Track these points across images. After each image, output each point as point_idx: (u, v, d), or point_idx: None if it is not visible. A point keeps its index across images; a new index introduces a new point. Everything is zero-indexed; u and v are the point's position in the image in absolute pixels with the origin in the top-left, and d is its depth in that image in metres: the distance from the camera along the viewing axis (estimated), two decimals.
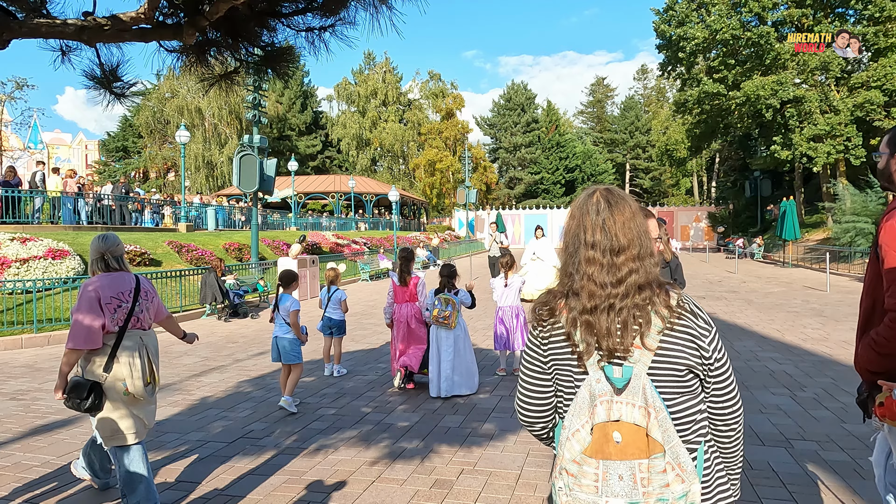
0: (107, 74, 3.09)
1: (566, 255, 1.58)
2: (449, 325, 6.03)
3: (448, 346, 6.03)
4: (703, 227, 43.48)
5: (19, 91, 30.82)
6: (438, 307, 6.05)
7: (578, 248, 1.53)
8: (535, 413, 1.65)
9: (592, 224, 1.52)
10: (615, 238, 1.50)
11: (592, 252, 1.51)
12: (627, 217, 1.53)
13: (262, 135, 16.33)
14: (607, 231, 1.51)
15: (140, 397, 3.27)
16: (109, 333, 3.28)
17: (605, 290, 1.48)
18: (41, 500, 3.74)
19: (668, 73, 34.19)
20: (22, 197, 15.77)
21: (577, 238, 1.55)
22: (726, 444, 1.61)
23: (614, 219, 1.52)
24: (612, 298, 1.47)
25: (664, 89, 67.06)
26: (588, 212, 1.54)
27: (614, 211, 1.53)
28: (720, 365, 1.53)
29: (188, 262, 14.76)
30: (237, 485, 3.95)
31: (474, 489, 3.81)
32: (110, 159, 54.96)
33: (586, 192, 1.61)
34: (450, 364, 5.99)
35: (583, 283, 1.50)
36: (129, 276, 3.44)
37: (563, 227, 1.64)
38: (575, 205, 1.61)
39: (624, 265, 1.49)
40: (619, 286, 1.48)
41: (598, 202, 1.55)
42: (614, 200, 1.55)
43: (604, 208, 1.53)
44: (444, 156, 54.01)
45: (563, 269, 1.59)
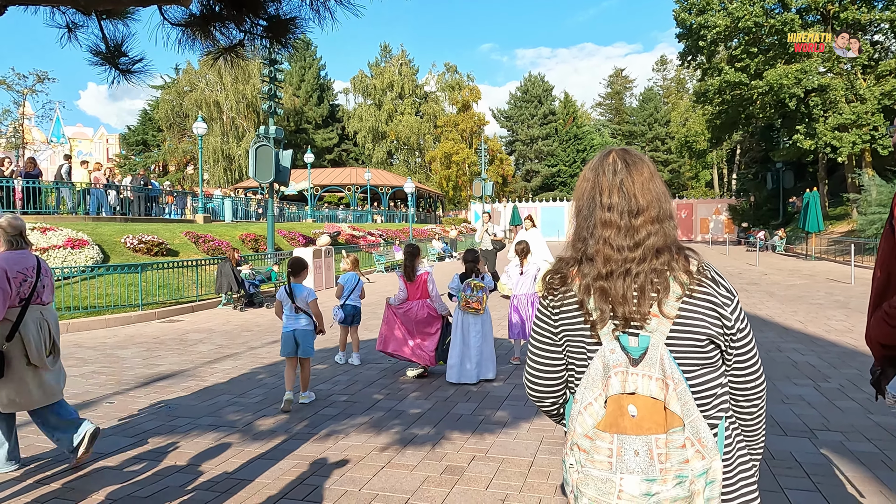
0: (111, 50, 3.04)
1: (579, 219, 1.48)
2: (479, 311, 6.00)
3: (476, 332, 6.00)
4: (723, 219, 42.85)
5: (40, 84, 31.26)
6: (468, 293, 6.00)
7: (594, 210, 1.44)
8: (545, 387, 1.57)
9: (609, 185, 1.43)
10: (634, 199, 1.41)
11: (609, 214, 1.41)
12: (646, 177, 1.43)
13: (278, 126, 16.35)
14: (625, 192, 1.42)
15: (42, 366, 3.61)
16: (13, 308, 3.53)
17: (621, 254, 1.38)
18: (52, 481, 3.74)
19: (688, 63, 33.62)
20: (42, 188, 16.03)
21: (592, 200, 1.45)
22: (748, 420, 1.51)
23: (632, 179, 1.42)
24: (628, 263, 1.38)
25: (684, 80, 66.02)
26: (604, 172, 1.45)
27: (632, 171, 1.43)
28: (743, 336, 1.44)
29: (205, 252, 14.87)
30: (246, 468, 3.92)
31: (486, 475, 3.74)
32: (131, 153, 55.68)
33: (601, 153, 1.51)
34: (478, 350, 5.97)
35: (598, 248, 1.41)
36: (32, 255, 3.73)
37: (575, 190, 1.53)
38: (589, 166, 1.51)
39: (642, 227, 1.40)
40: (637, 250, 1.38)
41: (614, 162, 1.45)
42: (632, 160, 1.45)
43: (621, 168, 1.44)
44: (461, 148, 53.82)
45: (577, 233, 1.49)
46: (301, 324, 5.32)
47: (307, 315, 5.33)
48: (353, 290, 6.98)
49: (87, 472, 3.87)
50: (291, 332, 5.30)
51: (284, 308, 5.36)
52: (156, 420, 4.98)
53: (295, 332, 5.29)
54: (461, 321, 6.06)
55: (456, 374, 5.95)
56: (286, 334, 5.33)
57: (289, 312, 5.33)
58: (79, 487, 3.65)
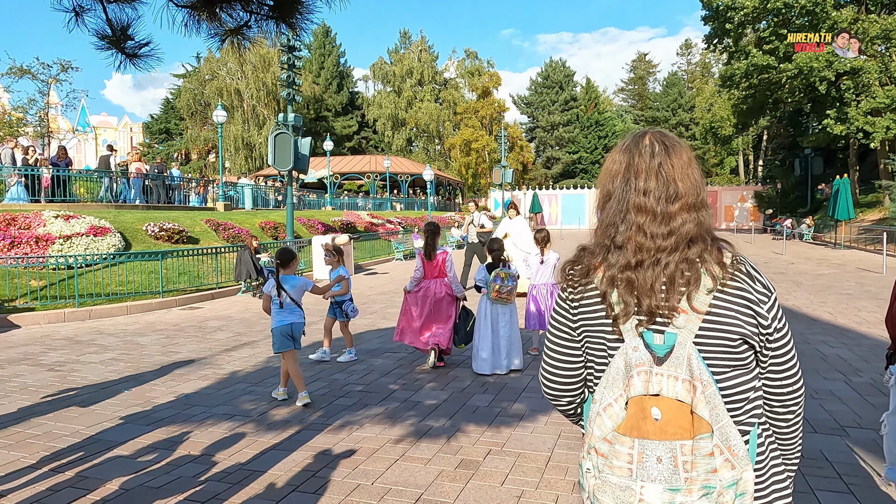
0: (117, 34, 2.96)
1: (610, 203, 1.34)
2: (509, 301, 5.97)
3: (505, 322, 5.97)
4: (748, 207, 41.92)
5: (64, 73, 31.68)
6: (499, 283, 5.92)
7: (627, 194, 1.31)
8: (562, 386, 1.46)
9: (647, 168, 1.30)
10: (672, 183, 1.29)
11: (644, 199, 1.29)
12: (685, 162, 1.31)
13: (297, 114, 16.31)
14: (664, 176, 1.29)
15: None
16: None
17: (654, 243, 1.26)
18: (66, 469, 3.75)
19: (714, 47, 32.76)
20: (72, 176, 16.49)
21: (626, 184, 1.32)
22: (784, 428, 1.38)
23: (672, 163, 1.30)
24: (660, 252, 1.26)
25: (709, 64, 64.51)
26: (641, 154, 1.32)
27: (671, 154, 1.31)
28: (780, 336, 1.30)
29: (225, 239, 14.95)
30: (259, 459, 3.88)
31: (501, 470, 3.64)
32: (154, 141, 56.39)
33: (635, 135, 1.38)
34: (507, 340, 5.93)
35: (629, 235, 1.29)
36: None
37: (603, 174, 1.40)
38: (621, 148, 1.37)
39: (678, 215, 1.27)
40: (669, 238, 1.26)
41: (651, 144, 1.33)
42: (671, 143, 1.33)
43: (659, 150, 1.31)
44: (480, 135, 53.41)
45: (605, 219, 1.35)
46: (297, 316, 5.07)
47: (299, 307, 5.11)
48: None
49: (100, 461, 3.87)
50: (289, 325, 4.99)
51: (274, 302, 5.02)
52: (171, 409, 4.98)
53: (293, 325, 5.02)
54: (489, 312, 5.99)
55: (489, 366, 5.89)
56: (282, 328, 4.97)
57: (285, 305, 5.01)
58: (92, 476, 3.64)
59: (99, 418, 4.74)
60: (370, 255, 19.79)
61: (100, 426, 4.54)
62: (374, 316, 9.52)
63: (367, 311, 9.95)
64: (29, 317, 9.22)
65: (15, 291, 9.69)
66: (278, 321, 5.00)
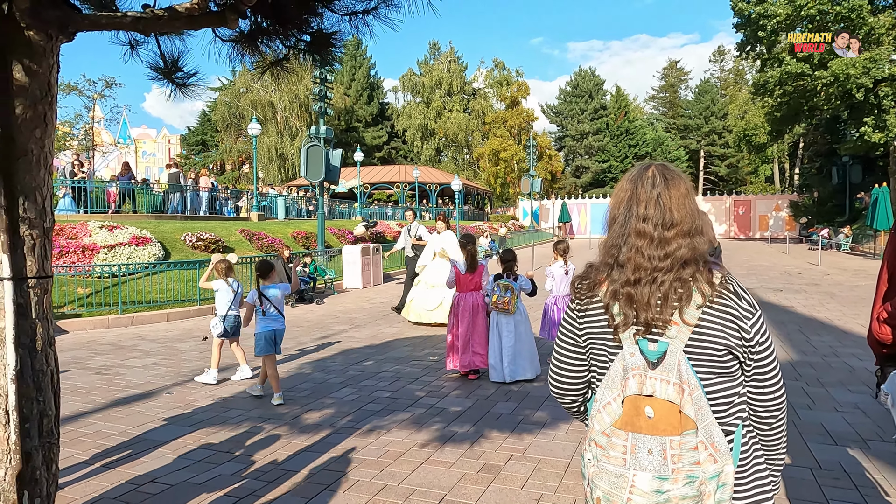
0: (168, 65, 3.24)
1: (615, 227, 1.54)
2: (509, 311, 6.01)
3: (509, 332, 6.02)
4: (783, 216, 41.03)
5: (109, 89, 32.99)
6: (498, 293, 6.04)
7: (629, 219, 1.50)
8: (567, 387, 1.66)
9: (647, 197, 1.50)
10: (669, 212, 1.47)
11: (644, 225, 1.48)
12: (682, 193, 1.50)
13: (328, 126, 16.75)
14: (661, 205, 1.48)
15: None
16: None
17: (651, 263, 1.45)
18: (117, 465, 4.03)
19: (746, 54, 32.32)
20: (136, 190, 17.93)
21: (628, 210, 1.51)
22: (766, 431, 1.54)
23: (669, 193, 1.49)
24: (656, 272, 1.45)
25: (742, 71, 63.49)
26: (643, 185, 1.51)
27: (670, 186, 1.50)
28: (762, 349, 1.47)
29: (258, 249, 15.41)
30: (292, 460, 4.11)
31: (522, 475, 3.79)
32: (190, 153, 58.04)
33: (641, 166, 1.58)
34: (511, 350, 5.99)
35: (629, 255, 1.48)
36: None
37: (612, 199, 1.60)
38: (627, 177, 1.57)
39: (674, 240, 1.46)
40: (665, 260, 1.45)
41: (654, 176, 1.52)
42: (670, 176, 1.52)
43: (659, 182, 1.50)
44: (509, 145, 53.53)
45: (610, 240, 1.55)
46: (279, 323, 5.59)
47: (281, 314, 5.60)
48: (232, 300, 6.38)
49: (146, 459, 4.15)
50: (272, 331, 5.53)
51: (257, 310, 5.57)
52: (210, 411, 5.26)
53: (276, 331, 5.56)
54: (496, 321, 6.11)
55: (497, 375, 6.01)
56: (266, 333, 5.49)
57: (267, 312, 5.54)
58: (139, 471, 3.92)
59: (144, 419, 5.04)
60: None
61: (145, 426, 4.85)
62: (401, 325, 9.74)
63: (394, 321, 10.19)
64: (76, 322, 9.71)
65: (63, 298, 10.22)
66: (262, 327, 5.52)
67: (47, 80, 2.23)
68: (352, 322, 10.18)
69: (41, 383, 2.28)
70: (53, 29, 2.21)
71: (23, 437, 2.18)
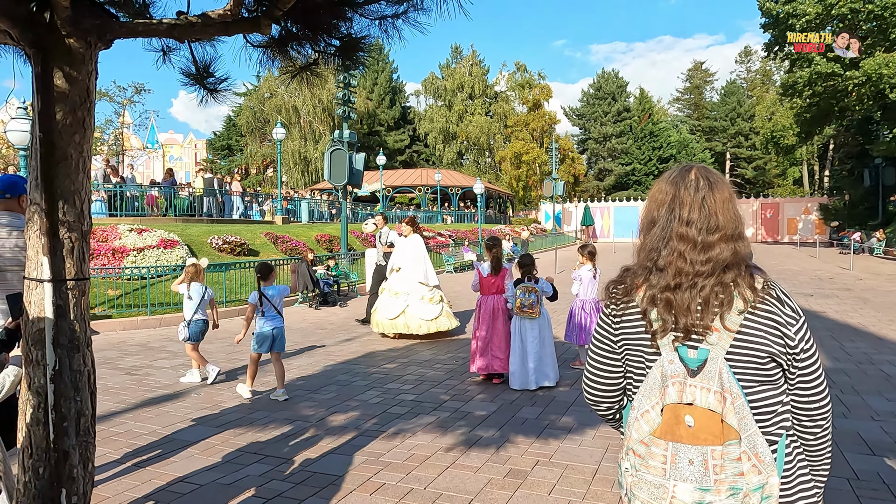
0: (200, 71, 3.29)
1: (654, 230, 1.50)
2: (533, 315, 5.96)
3: (533, 338, 5.94)
4: (813, 219, 40.16)
5: (138, 95, 33.77)
6: (521, 297, 5.99)
7: (671, 223, 1.46)
8: (602, 394, 1.63)
9: (691, 200, 1.46)
10: (714, 216, 1.44)
11: (687, 229, 1.44)
12: (726, 197, 1.47)
13: (351, 130, 16.87)
14: (706, 209, 1.45)
15: None
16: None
17: (693, 268, 1.41)
18: (148, 464, 4.10)
19: (774, 54, 31.76)
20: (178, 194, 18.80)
21: (670, 213, 1.47)
22: (811, 441, 1.49)
23: (714, 197, 1.45)
24: (697, 277, 1.41)
25: (770, 72, 62.40)
26: (686, 187, 1.47)
27: (714, 190, 1.46)
28: (807, 356, 1.43)
29: (283, 252, 15.57)
30: (319, 462, 4.13)
31: (549, 481, 3.75)
32: (216, 157, 58.98)
33: (681, 168, 1.54)
34: (536, 355, 5.91)
35: (670, 259, 1.44)
36: None
37: (649, 201, 1.55)
38: (666, 179, 1.53)
39: (717, 244, 1.42)
40: (707, 264, 1.41)
41: (697, 179, 1.48)
42: (714, 179, 1.49)
43: (703, 185, 1.47)
44: (531, 148, 53.33)
45: (648, 243, 1.51)
46: (279, 322, 5.83)
47: (279, 314, 5.84)
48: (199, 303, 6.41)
49: (176, 459, 4.21)
50: (271, 330, 5.76)
51: (258, 311, 5.78)
52: (237, 412, 5.32)
53: (274, 329, 5.78)
54: (518, 326, 6.05)
55: (518, 381, 5.95)
56: (265, 333, 5.75)
57: (268, 312, 5.78)
58: (169, 472, 3.97)
59: (173, 419, 5.12)
60: None
61: (174, 426, 4.92)
62: None
63: None
64: (107, 324, 9.91)
65: (94, 300, 10.44)
66: (262, 327, 5.78)
67: (86, 86, 2.28)
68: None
69: (78, 383, 2.32)
70: (92, 36, 2.25)
71: (61, 436, 2.22)
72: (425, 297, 8.54)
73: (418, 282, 8.58)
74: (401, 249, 8.81)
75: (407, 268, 8.61)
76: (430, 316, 8.48)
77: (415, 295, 8.52)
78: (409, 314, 8.48)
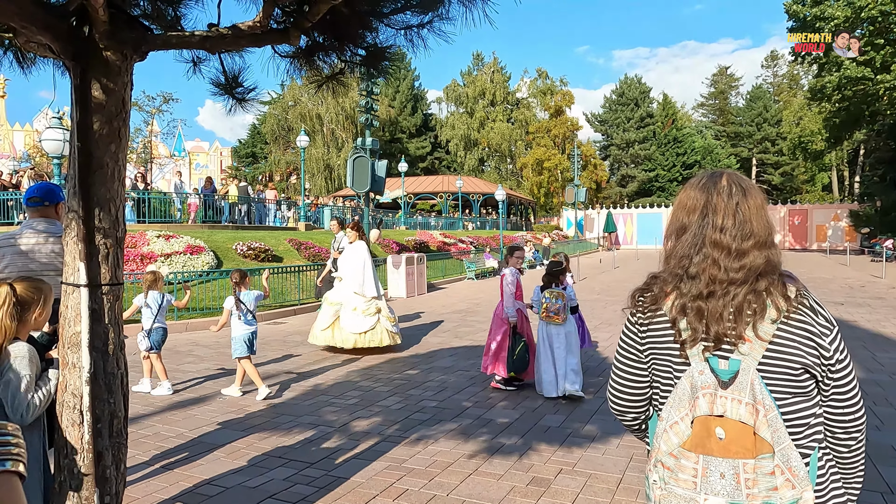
0: (229, 81, 3.36)
1: (686, 236, 1.47)
2: (559, 321, 5.93)
3: (560, 343, 5.90)
4: (842, 226, 39.26)
5: (166, 104, 34.53)
6: (548, 301, 5.96)
7: (704, 229, 1.44)
8: (628, 403, 1.61)
9: (725, 207, 1.44)
10: (748, 223, 1.42)
11: (721, 235, 1.42)
12: (759, 204, 1.45)
13: (374, 137, 17.01)
14: (741, 215, 1.43)
15: None
16: None
17: (727, 275, 1.39)
18: (175, 466, 4.17)
19: (801, 58, 31.21)
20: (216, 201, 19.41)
21: (703, 219, 1.45)
22: (845, 454, 1.45)
23: (748, 203, 1.44)
24: (731, 285, 1.39)
25: (797, 76, 61.31)
26: (720, 193, 1.45)
27: (748, 196, 1.45)
28: (842, 367, 1.39)
29: (306, 258, 15.74)
30: (342, 467, 4.16)
31: (572, 489, 3.72)
32: (241, 164, 59.92)
33: (710, 174, 1.52)
34: (564, 361, 5.86)
35: (703, 266, 1.42)
36: None
37: (677, 208, 1.53)
38: (696, 185, 1.51)
39: (750, 251, 1.40)
40: (741, 271, 1.39)
41: (729, 185, 1.46)
42: (746, 186, 1.47)
43: (737, 191, 1.45)
44: (553, 154, 53.15)
45: (678, 250, 1.48)
46: (254, 326, 6.05)
47: (254, 318, 6.07)
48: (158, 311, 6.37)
49: (203, 461, 4.28)
50: (249, 334, 5.97)
51: (234, 315, 5.98)
52: (262, 416, 5.38)
53: (251, 333, 6.00)
54: (545, 332, 6.02)
55: (553, 388, 5.88)
56: (243, 336, 5.94)
57: (242, 317, 6.00)
58: (195, 474, 4.03)
59: (199, 422, 5.20)
60: (442, 275, 20.14)
61: (200, 430, 5.00)
62: (446, 335, 9.76)
63: (440, 331, 10.21)
64: (135, 328, 10.08)
65: (123, 304, 10.66)
66: (239, 331, 5.97)
67: (122, 97, 2.35)
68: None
69: (112, 385, 2.38)
70: (129, 49, 2.33)
71: (95, 437, 2.28)
72: (358, 309, 7.93)
73: (353, 292, 8.02)
74: (343, 257, 8.38)
75: (346, 277, 8.15)
76: (360, 329, 7.87)
77: (347, 306, 7.97)
78: (337, 326, 7.95)
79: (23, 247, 3.24)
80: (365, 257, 8.11)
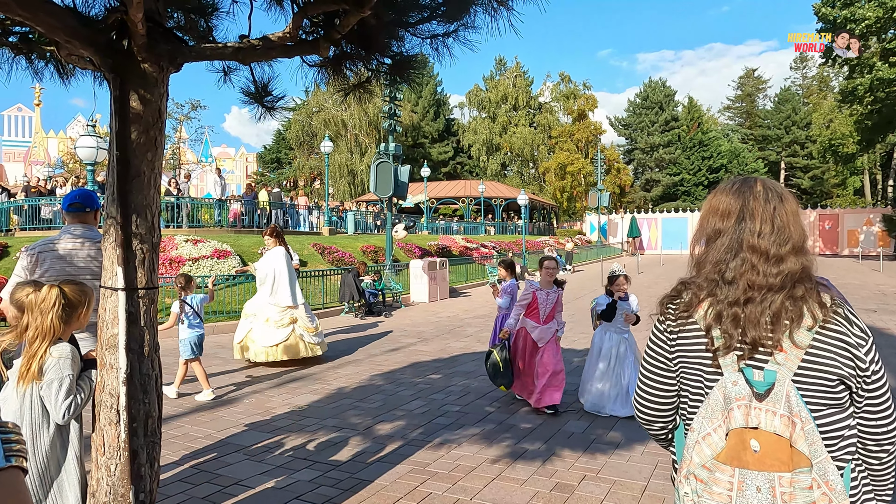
0: (259, 90, 3.45)
1: (721, 240, 1.47)
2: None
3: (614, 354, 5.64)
4: (875, 231, 38.22)
5: (194, 112, 35.25)
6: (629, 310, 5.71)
7: (741, 234, 1.44)
8: (655, 412, 1.59)
9: (762, 212, 1.44)
10: (786, 229, 1.42)
11: (759, 240, 1.42)
12: (795, 210, 1.45)
13: (397, 143, 17.15)
14: (779, 220, 1.43)
15: None
16: None
17: (766, 281, 1.39)
18: (203, 467, 4.26)
19: (832, 60, 30.59)
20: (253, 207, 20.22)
21: (739, 224, 1.45)
22: (877, 466, 1.44)
23: (785, 209, 1.44)
24: (769, 291, 1.39)
25: (828, 78, 60.02)
26: (756, 198, 1.46)
27: (785, 202, 1.45)
28: (876, 378, 1.38)
29: (329, 263, 15.90)
30: (366, 469, 4.20)
31: (596, 496, 3.71)
32: (266, 170, 60.82)
33: (743, 179, 1.52)
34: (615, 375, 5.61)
35: (741, 271, 1.41)
36: None
37: (709, 213, 1.52)
38: (729, 190, 1.50)
39: (788, 257, 1.40)
40: (779, 277, 1.39)
41: (765, 191, 1.46)
42: (781, 191, 1.48)
43: (773, 197, 1.45)
44: (576, 158, 52.82)
45: (713, 255, 1.47)
46: (201, 328, 6.21)
47: (201, 320, 6.24)
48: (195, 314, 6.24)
49: (231, 462, 4.36)
50: (195, 336, 6.11)
51: (184, 317, 6.11)
52: (287, 419, 5.46)
53: (198, 336, 6.14)
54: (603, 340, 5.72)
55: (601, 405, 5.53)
56: (190, 339, 6.06)
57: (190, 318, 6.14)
58: (224, 473, 4.12)
59: (227, 424, 5.30)
60: (464, 279, 20.15)
61: (228, 431, 5.09)
62: (469, 339, 9.77)
63: (461, 335, 10.23)
64: (163, 332, 10.32)
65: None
66: (186, 334, 6.09)
67: (158, 107, 2.44)
68: (419, 335, 10.30)
69: (147, 386, 2.46)
70: (165, 61, 2.41)
71: (131, 436, 2.36)
72: (270, 320, 7.43)
73: (268, 302, 7.54)
74: (257, 265, 7.83)
75: (258, 285, 7.72)
76: (272, 342, 7.38)
77: (260, 317, 7.49)
78: (250, 338, 7.50)
79: (61, 251, 3.36)
80: (276, 265, 7.56)
